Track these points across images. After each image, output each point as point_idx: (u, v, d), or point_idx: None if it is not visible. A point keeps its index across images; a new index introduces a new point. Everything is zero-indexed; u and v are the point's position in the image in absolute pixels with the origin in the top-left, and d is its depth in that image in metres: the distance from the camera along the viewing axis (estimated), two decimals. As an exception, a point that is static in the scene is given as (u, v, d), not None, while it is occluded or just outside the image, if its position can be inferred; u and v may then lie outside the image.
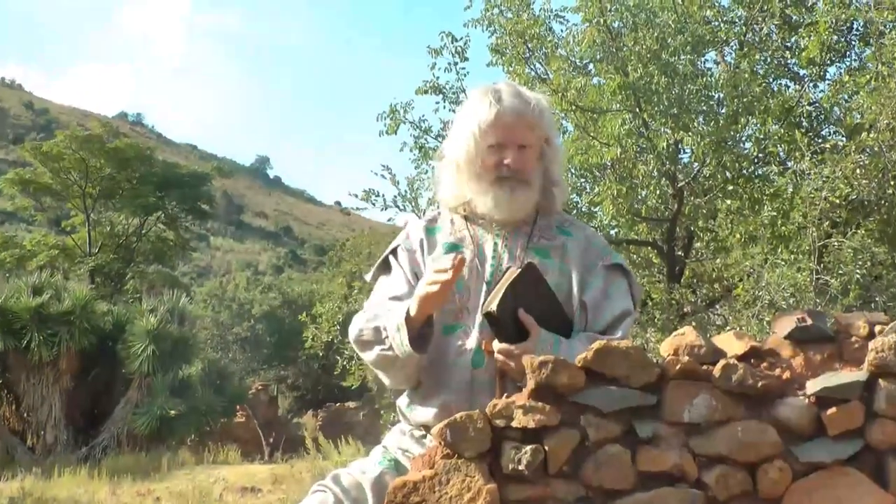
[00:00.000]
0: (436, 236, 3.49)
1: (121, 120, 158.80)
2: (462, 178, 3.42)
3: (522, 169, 3.34)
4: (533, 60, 12.76)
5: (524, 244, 3.38)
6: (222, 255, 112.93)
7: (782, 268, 10.10)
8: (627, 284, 3.41)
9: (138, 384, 20.81)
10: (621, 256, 3.56)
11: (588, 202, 12.32)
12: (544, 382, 2.44)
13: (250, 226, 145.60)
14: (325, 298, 19.42)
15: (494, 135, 3.33)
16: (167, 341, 20.89)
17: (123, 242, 37.43)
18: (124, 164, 36.64)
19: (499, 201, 3.34)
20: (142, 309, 21.86)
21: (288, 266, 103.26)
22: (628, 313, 3.32)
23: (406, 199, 12.44)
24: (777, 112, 11.75)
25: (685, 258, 12.78)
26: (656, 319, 11.50)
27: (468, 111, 3.44)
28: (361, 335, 3.34)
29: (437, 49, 12.54)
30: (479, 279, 3.34)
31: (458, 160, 3.42)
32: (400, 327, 3.18)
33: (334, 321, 14.03)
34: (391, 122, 12.58)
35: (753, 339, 2.60)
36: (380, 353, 3.29)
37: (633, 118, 11.41)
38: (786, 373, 2.53)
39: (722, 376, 2.47)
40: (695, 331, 2.58)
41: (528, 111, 3.35)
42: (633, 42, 11.50)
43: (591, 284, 3.32)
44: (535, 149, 3.40)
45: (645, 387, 2.47)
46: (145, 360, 20.42)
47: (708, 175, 11.90)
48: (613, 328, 3.25)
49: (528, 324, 3.11)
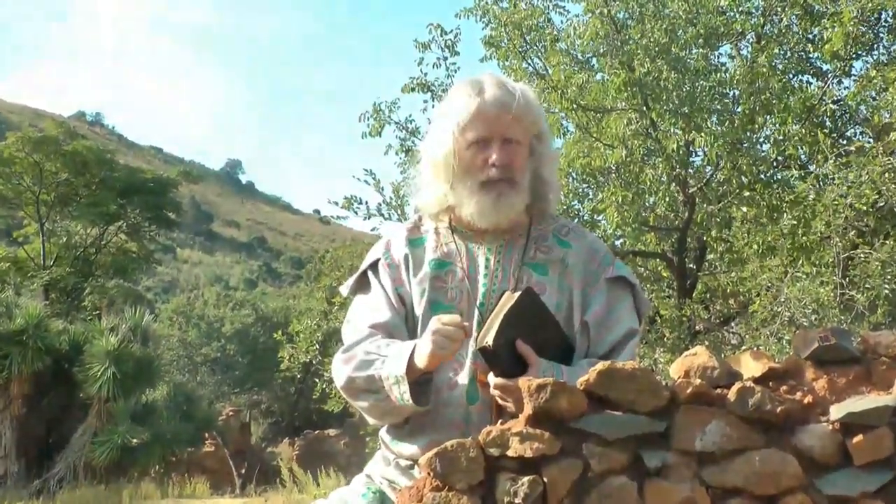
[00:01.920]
0: (420, 250, 3.42)
1: (78, 120, 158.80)
2: (441, 181, 3.35)
3: (509, 165, 3.25)
4: (531, 54, 12.80)
5: (519, 259, 3.33)
6: (190, 268, 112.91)
7: (803, 281, 10.12)
8: (633, 299, 3.37)
9: (97, 410, 20.75)
10: (626, 267, 3.50)
11: (591, 210, 12.33)
12: (543, 408, 2.41)
13: (221, 236, 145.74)
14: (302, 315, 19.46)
15: (476, 129, 3.26)
16: (129, 363, 20.85)
17: (81, 254, 37.27)
18: (82, 168, 36.51)
19: (483, 208, 3.27)
20: (101, 327, 21.82)
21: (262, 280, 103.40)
22: (633, 333, 3.28)
23: (391, 206, 12.47)
24: (798, 111, 11.77)
25: (697, 271, 12.82)
26: (666, 338, 11.53)
27: (447, 106, 3.38)
28: (353, 384, 3.25)
29: (426, 43, 12.56)
30: (471, 302, 3.28)
31: (436, 161, 3.34)
32: (400, 380, 3.10)
33: (313, 340, 14.06)
34: (375, 123, 12.61)
35: (772, 360, 2.59)
36: (374, 402, 3.23)
37: (639, 118, 11.44)
38: (807, 397, 2.52)
39: (737, 401, 2.46)
40: (708, 351, 2.57)
41: (512, 101, 3.26)
42: (639, 34, 11.54)
43: (592, 302, 3.28)
44: (524, 145, 3.31)
45: (653, 412, 2.46)
46: (105, 384, 20.37)
47: (722, 180, 11.94)
48: (617, 351, 3.21)
49: (526, 356, 3.06)
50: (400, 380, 3.10)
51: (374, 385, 3.18)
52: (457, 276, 3.30)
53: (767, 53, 11.73)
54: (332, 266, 35.57)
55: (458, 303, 3.27)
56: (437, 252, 3.38)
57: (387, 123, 12.65)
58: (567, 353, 3.22)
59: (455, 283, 3.31)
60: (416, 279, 3.34)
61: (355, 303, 3.48)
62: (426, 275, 3.33)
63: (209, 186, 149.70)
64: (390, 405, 3.18)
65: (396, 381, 3.11)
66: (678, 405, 2.47)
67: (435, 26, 12.49)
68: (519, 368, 3.05)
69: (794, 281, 10.24)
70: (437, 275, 3.31)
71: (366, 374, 3.20)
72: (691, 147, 11.84)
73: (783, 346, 9.72)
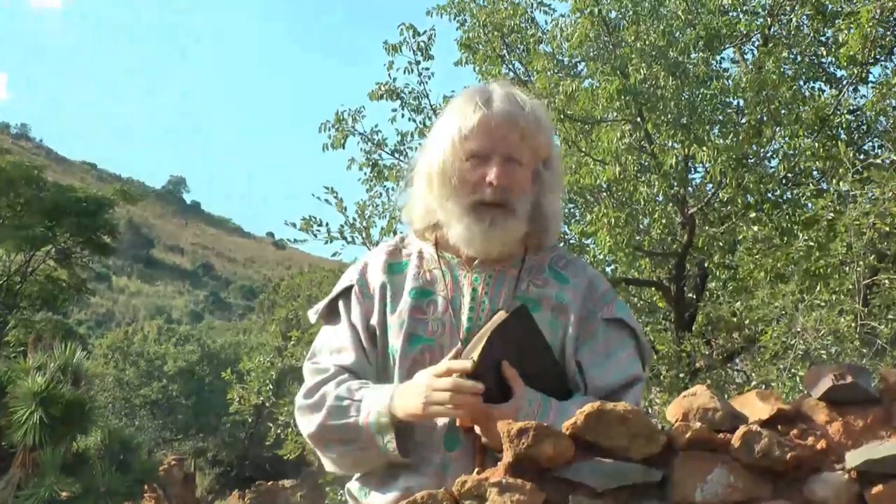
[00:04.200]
0: (400, 277, 3.36)
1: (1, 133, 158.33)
2: (433, 195, 3.29)
3: (508, 187, 3.19)
4: (511, 59, 12.85)
5: (510, 293, 3.26)
6: (127, 298, 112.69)
7: (819, 311, 10.11)
8: (635, 343, 3.32)
9: (22, 459, 20.57)
10: (627, 308, 3.44)
11: (579, 233, 12.27)
12: (524, 454, 2.40)
13: (162, 263, 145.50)
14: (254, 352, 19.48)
15: (477, 141, 3.21)
16: (58, 406, 20.64)
17: (4, 283, 37.18)
18: (5, 186, 36.40)
19: (472, 234, 3.21)
20: (26, 366, 21.62)
21: (208, 312, 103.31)
22: (636, 380, 3.24)
23: (355, 228, 12.44)
24: (810, 122, 11.81)
25: (697, 301, 12.84)
26: (662, 377, 11.54)
27: (449, 114, 3.33)
28: (325, 432, 3.21)
29: (396, 45, 12.57)
30: (453, 335, 3.20)
31: (430, 172, 3.29)
32: (384, 428, 3.08)
33: (266, 379, 14.03)
34: (337, 134, 12.61)
35: (781, 401, 2.57)
36: (347, 451, 3.21)
37: (633, 130, 11.48)
38: (821, 442, 2.52)
39: (742, 447, 2.45)
40: (709, 390, 2.56)
41: (521, 116, 3.21)
42: (633, 37, 11.58)
43: (588, 342, 3.23)
44: (528, 168, 3.26)
45: (648, 460, 2.45)
46: (31, 430, 20.18)
47: (725, 199, 11.97)
48: (617, 397, 3.09)
49: (511, 381, 3.02)
50: (384, 428, 3.08)
51: (350, 434, 3.15)
52: (438, 307, 3.25)
53: (775, 58, 11.78)
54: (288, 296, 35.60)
55: (439, 337, 3.22)
56: (418, 279, 3.33)
57: (350, 134, 12.65)
58: (560, 387, 3.18)
59: (436, 314, 3.25)
60: (395, 311, 3.29)
61: (321, 334, 3.43)
62: (405, 305, 3.27)
63: (149, 207, 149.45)
64: (366, 455, 3.16)
65: (380, 430, 3.09)
66: (676, 452, 2.46)
67: (407, 27, 12.51)
68: (502, 395, 3.02)
69: (809, 310, 10.21)
70: (418, 305, 3.26)
71: (341, 423, 3.16)
72: (691, 162, 11.89)
73: (796, 383, 9.70)
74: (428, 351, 3.20)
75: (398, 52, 12.61)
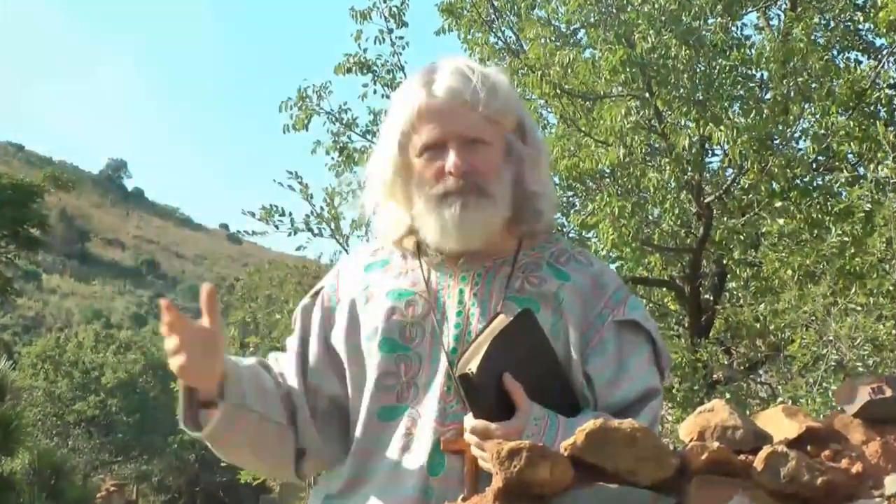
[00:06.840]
0: (379, 275, 3.34)
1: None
2: (396, 202, 3.27)
3: (471, 171, 3.13)
4: (501, 25, 12.83)
5: (501, 290, 3.21)
6: (59, 300, 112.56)
7: (855, 315, 10.11)
8: (652, 349, 3.27)
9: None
10: (642, 306, 3.38)
11: (579, 224, 12.22)
12: (516, 478, 2.37)
13: (99, 259, 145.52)
14: (206, 361, 19.42)
15: (426, 131, 3.16)
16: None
17: (-82, 284, 37.16)
18: (-81, 172, 36.40)
19: (444, 221, 3.15)
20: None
21: (153, 316, 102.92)
22: (654, 393, 3.19)
23: (322, 218, 12.40)
24: (844, 97, 11.79)
25: (715, 303, 12.83)
26: (675, 390, 11.52)
27: (393, 108, 3.30)
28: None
29: (365, 11, 12.54)
30: (437, 343, 3.16)
31: (383, 178, 3.27)
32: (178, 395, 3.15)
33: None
34: (300, 113, 12.57)
35: (811, 418, 2.57)
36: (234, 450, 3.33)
37: (641, 106, 11.46)
38: (856, 465, 2.52)
39: (766, 470, 2.42)
40: (728, 406, 2.56)
41: (466, 88, 3.14)
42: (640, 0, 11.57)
43: (598, 349, 3.17)
44: (496, 143, 3.20)
45: (658, 485, 2.42)
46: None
47: (747, 186, 11.96)
48: (633, 412, 3.08)
49: (514, 395, 2.97)
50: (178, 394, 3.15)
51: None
52: (419, 310, 3.21)
53: (805, 24, 11.74)
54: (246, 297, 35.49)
55: (417, 344, 3.18)
56: (398, 279, 3.30)
57: (315, 114, 12.63)
58: (568, 400, 3.15)
59: (416, 318, 3.21)
60: (369, 312, 3.26)
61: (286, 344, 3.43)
62: (382, 307, 3.24)
63: (85, 195, 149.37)
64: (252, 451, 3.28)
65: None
66: (690, 476, 2.44)
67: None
68: (503, 410, 2.97)
69: (844, 315, 10.18)
70: (396, 306, 3.22)
71: None
72: (707, 144, 11.87)
73: (828, 398, 9.67)
74: (404, 360, 3.16)
75: (367, 20, 12.59)
